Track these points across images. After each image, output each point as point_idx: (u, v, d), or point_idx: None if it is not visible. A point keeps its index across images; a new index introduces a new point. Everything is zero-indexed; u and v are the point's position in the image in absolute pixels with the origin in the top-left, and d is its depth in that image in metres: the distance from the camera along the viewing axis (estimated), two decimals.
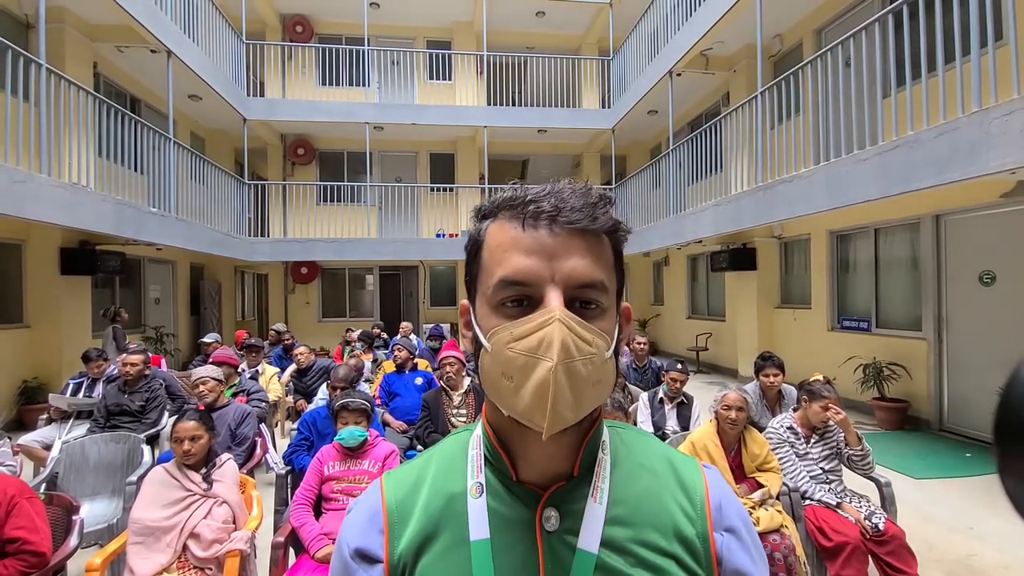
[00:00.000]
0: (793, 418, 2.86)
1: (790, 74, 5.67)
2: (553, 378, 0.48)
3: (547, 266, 0.52)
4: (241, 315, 12.80)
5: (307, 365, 5.41)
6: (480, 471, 0.59)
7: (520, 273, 0.53)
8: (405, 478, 0.62)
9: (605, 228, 0.55)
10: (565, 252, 0.53)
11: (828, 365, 6.65)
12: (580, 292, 0.53)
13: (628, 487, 0.59)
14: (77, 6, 6.73)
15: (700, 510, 0.58)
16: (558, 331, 0.49)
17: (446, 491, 0.59)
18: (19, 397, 6.14)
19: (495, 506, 0.57)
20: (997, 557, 3.05)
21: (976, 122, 3.47)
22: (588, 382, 0.51)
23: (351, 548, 0.59)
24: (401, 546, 0.57)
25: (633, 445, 0.63)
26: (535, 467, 0.57)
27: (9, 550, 1.88)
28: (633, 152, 13.32)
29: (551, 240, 0.53)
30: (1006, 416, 0.38)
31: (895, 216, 5.99)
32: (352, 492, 2.43)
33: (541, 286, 0.52)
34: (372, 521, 0.60)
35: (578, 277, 0.53)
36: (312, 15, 11.65)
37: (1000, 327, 4.96)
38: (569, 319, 0.51)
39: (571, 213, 0.53)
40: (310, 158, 11.94)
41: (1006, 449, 0.38)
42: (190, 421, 2.33)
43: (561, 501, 0.56)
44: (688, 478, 0.61)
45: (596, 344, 0.52)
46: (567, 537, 0.55)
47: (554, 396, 0.48)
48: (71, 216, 5.19)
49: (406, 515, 0.59)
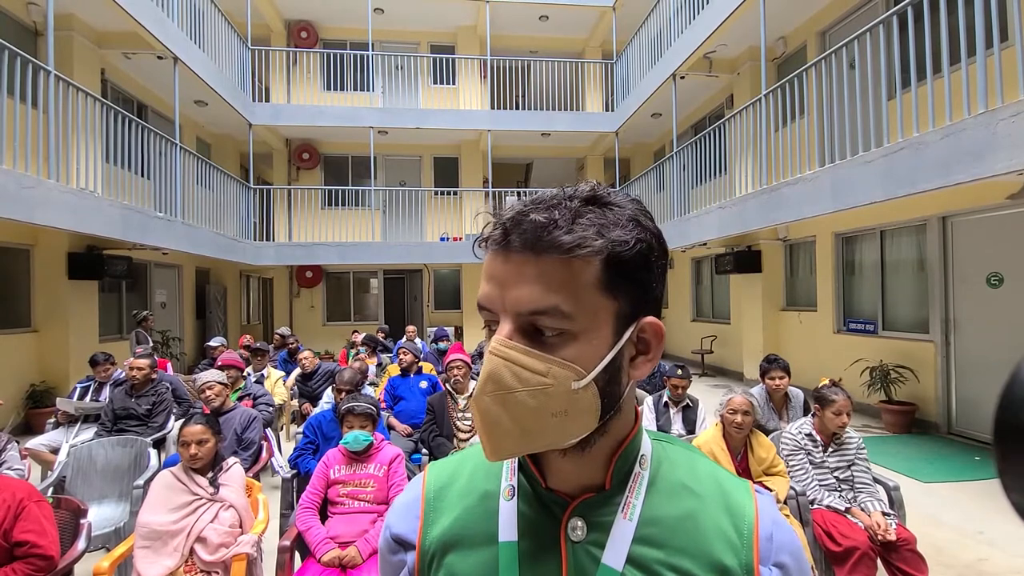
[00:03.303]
0: (812, 425, 2.81)
1: (794, 76, 5.67)
2: (475, 407, 0.50)
3: (499, 294, 0.51)
4: (246, 319, 12.84)
5: (312, 369, 5.42)
6: (514, 474, 0.59)
7: (483, 299, 0.53)
8: (446, 469, 0.64)
9: (562, 250, 0.49)
10: (514, 279, 0.50)
11: (834, 368, 6.61)
12: (532, 319, 0.50)
13: (664, 507, 0.56)
14: (85, 13, 6.80)
15: (747, 540, 0.54)
16: (488, 362, 0.49)
17: (481, 489, 0.60)
18: (27, 401, 6.17)
19: (525, 510, 0.57)
20: (1008, 562, 3.02)
21: (982, 123, 3.45)
22: (542, 412, 0.49)
23: (392, 532, 0.62)
24: (433, 535, 0.59)
25: (678, 463, 0.60)
26: (564, 477, 0.57)
27: (18, 553, 1.89)
28: (637, 155, 13.32)
29: (503, 267, 0.51)
30: (1006, 417, 0.37)
31: (901, 218, 5.96)
32: (357, 496, 2.43)
33: (499, 313, 0.52)
34: (411, 508, 0.62)
35: (523, 305, 0.50)
36: (317, 21, 11.73)
37: (1008, 329, 4.92)
38: (508, 349, 0.49)
39: (517, 238, 0.50)
40: (315, 162, 12.00)
41: (1007, 451, 0.38)
42: (197, 425, 2.34)
43: (589, 512, 0.55)
44: (736, 503, 0.56)
45: (552, 373, 0.49)
46: (592, 549, 0.54)
47: (485, 425, 0.49)
48: (79, 221, 5.24)
49: (442, 505, 0.61)
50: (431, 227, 11.81)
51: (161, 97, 9.16)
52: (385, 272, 12.45)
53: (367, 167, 11.24)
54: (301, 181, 12.01)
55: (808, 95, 5.63)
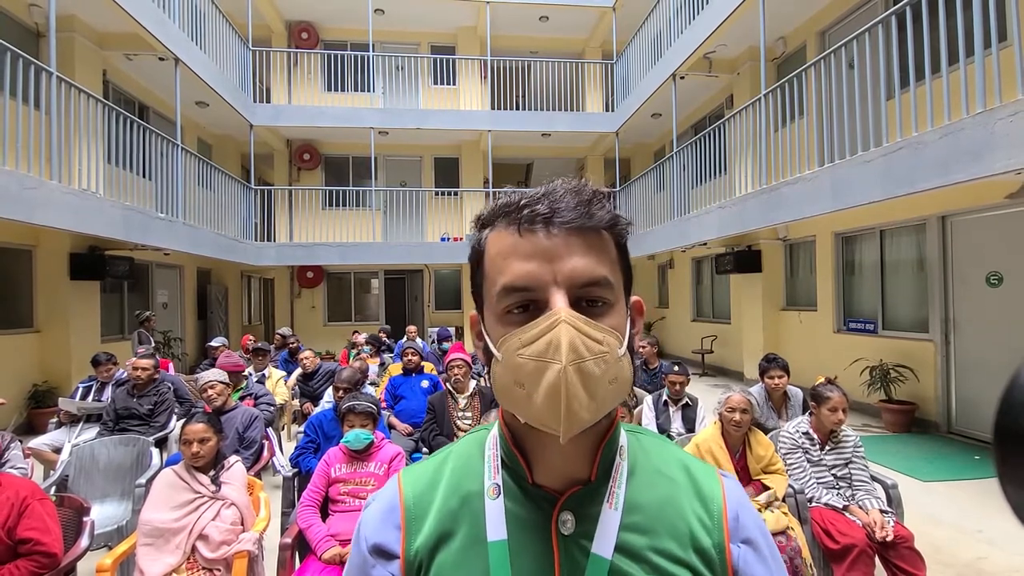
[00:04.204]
0: (810, 423, 2.83)
1: (794, 76, 5.67)
2: (564, 379, 0.48)
3: (548, 268, 0.52)
4: (248, 319, 12.87)
5: (313, 369, 5.44)
6: (497, 472, 0.59)
7: (522, 279, 0.52)
8: (422, 475, 0.63)
9: (603, 224, 0.55)
10: (565, 252, 0.52)
11: (834, 367, 6.61)
12: (585, 291, 0.53)
13: (645, 494, 0.58)
14: (87, 15, 6.82)
15: (717, 520, 0.58)
16: (565, 332, 0.49)
17: (463, 490, 0.59)
18: (29, 401, 6.19)
19: (512, 508, 0.57)
20: (1007, 560, 3.02)
21: (981, 123, 3.46)
22: (603, 380, 0.50)
23: (369, 543, 0.59)
24: (418, 542, 0.57)
25: (652, 451, 0.63)
26: (551, 471, 0.57)
27: (22, 551, 1.91)
28: (637, 155, 13.33)
29: (549, 242, 0.53)
30: (1006, 422, 0.38)
31: (901, 217, 5.97)
32: (358, 494, 2.45)
33: (545, 289, 0.52)
34: (389, 517, 0.60)
35: (580, 276, 0.52)
36: (317, 22, 11.76)
37: (1008, 328, 4.92)
38: (575, 319, 0.50)
39: (566, 212, 0.53)
40: (316, 163, 12.02)
41: (1006, 455, 0.38)
42: (199, 424, 2.35)
43: (577, 505, 0.56)
44: (706, 487, 0.60)
45: (607, 342, 0.51)
46: (582, 541, 0.55)
47: (567, 398, 0.48)
48: (81, 222, 5.26)
49: (423, 512, 0.59)
50: (431, 227, 11.83)
51: (162, 98, 9.18)
52: (386, 272, 12.46)
53: (368, 167, 11.26)
54: (302, 181, 12.03)
55: (808, 95, 5.64)
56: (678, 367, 3.74)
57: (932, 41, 3.97)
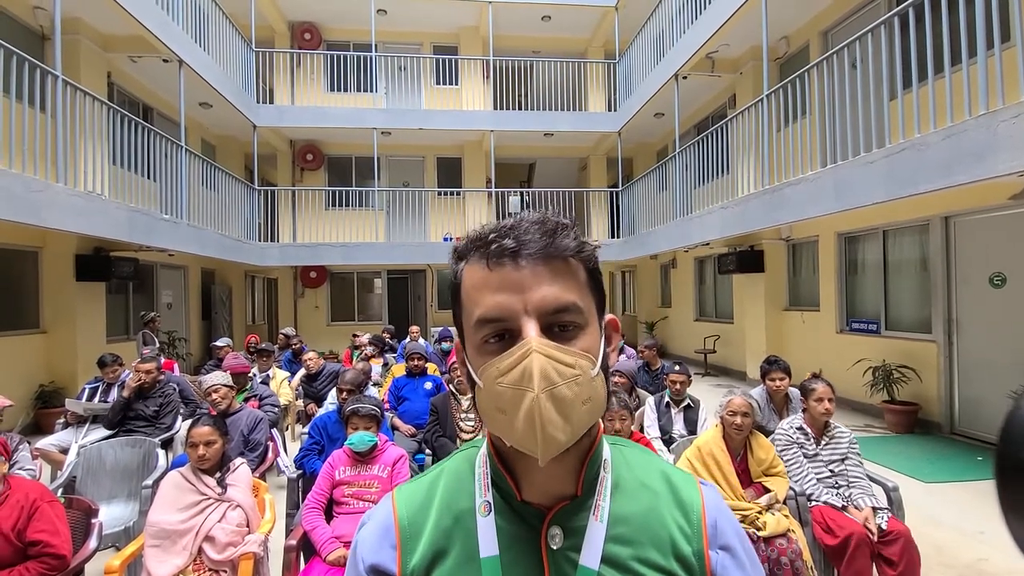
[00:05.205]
0: (803, 419, 2.87)
1: (796, 76, 5.67)
2: (538, 407, 0.51)
3: (519, 299, 0.55)
4: (251, 319, 12.92)
5: (317, 370, 5.47)
6: (487, 490, 0.61)
7: (493, 310, 0.55)
8: (416, 493, 0.65)
9: (569, 252, 0.57)
10: (533, 283, 0.55)
11: (837, 367, 6.62)
12: (555, 317, 0.55)
13: (629, 506, 0.61)
14: (91, 18, 6.86)
15: (696, 528, 0.60)
16: (536, 361, 0.52)
17: (455, 508, 0.61)
18: (36, 402, 6.25)
19: (503, 524, 0.59)
20: (1008, 563, 3.02)
21: (984, 124, 3.46)
22: (576, 403, 0.53)
23: (366, 564, 0.61)
24: (414, 562, 0.59)
25: (634, 463, 0.65)
26: (538, 488, 0.60)
27: (31, 553, 1.94)
28: (639, 155, 13.32)
29: (517, 274, 0.55)
30: (1008, 452, 0.39)
31: (904, 218, 5.96)
32: (362, 496, 2.47)
33: (517, 319, 0.54)
34: (385, 537, 0.62)
35: (549, 304, 0.55)
36: (320, 22, 11.78)
37: (1011, 329, 4.91)
38: (546, 347, 0.53)
39: (532, 245, 0.56)
40: (319, 163, 12.05)
41: (1007, 485, 0.39)
42: (205, 426, 2.38)
43: (565, 520, 0.59)
44: (685, 496, 0.62)
45: (579, 364, 0.53)
46: (570, 554, 0.57)
47: (542, 422, 0.51)
48: (86, 223, 5.30)
49: (418, 531, 0.61)
50: (434, 227, 11.84)
51: (166, 100, 9.23)
52: (389, 272, 12.49)
53: (371, 168, 11.28)
54: (305, 182, 12.07)
55: (810, 95, 5.63)
56: (679, 367, 3.75)
57: (935, 41, 3.97)
